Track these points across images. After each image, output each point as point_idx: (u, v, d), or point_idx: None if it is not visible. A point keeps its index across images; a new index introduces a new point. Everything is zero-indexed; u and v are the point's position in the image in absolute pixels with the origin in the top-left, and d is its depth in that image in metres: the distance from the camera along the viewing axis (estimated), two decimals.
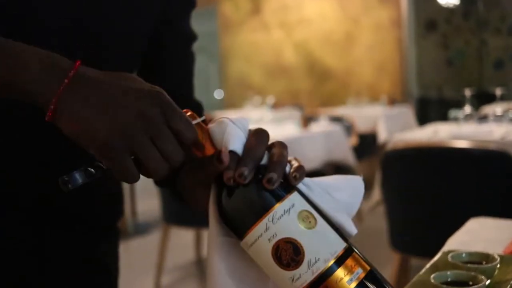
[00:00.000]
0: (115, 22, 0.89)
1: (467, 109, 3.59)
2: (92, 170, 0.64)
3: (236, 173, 0.62)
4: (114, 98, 0.62)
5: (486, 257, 0.88)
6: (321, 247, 0.62)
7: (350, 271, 0.61)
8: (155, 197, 3.62)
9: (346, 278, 0.61)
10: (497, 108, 3.89)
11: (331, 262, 0.61)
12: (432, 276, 0.80)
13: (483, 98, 6.21)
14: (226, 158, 0.63)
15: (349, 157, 4.38)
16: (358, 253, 0.64)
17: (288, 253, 0.61)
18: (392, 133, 4.98)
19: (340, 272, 0.61)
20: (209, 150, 0.66)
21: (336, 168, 4.48)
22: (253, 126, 0.83)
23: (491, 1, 8.08)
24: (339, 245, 0.63)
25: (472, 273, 0.80)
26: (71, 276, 0.96)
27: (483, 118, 3.66)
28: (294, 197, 0.64)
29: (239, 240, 0.65)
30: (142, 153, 0.62)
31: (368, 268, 0.62)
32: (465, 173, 2.46)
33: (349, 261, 0.62)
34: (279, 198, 0.63)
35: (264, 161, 0.65)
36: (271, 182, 0.62)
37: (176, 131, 0.63)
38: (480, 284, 0.76)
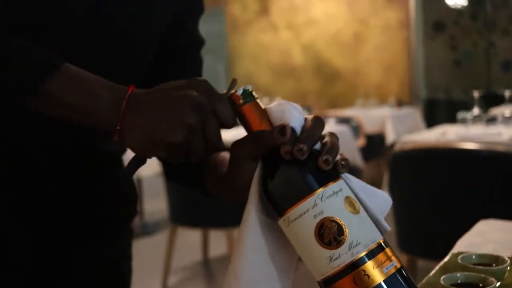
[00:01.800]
0: (127, 30, 0.89)
1: (475, 110, 3.58)
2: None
3: (295, 147, 0.65)
4: (165, 100, 0.67)
5: (496, 259, 0.88)
6: (363, 232, 0.64)
7: (384, 262, 0.63)
8: (162, 197, 3.62)
9: (380, 268, 0.62)
10: (505, 110, 3.88)
11: (371, 248, 0.63)
12: (442, 277, 0.80)
13: (491, 99, 6.20)
14: (289, 131, 0.66)
15: (357, 158, 4.38)
16: (391, 249, 0.66)
17: (332, 232, 0.63)
18: (399, 135, 4.97)
19: (376, 261, 0.63)
20: (263, 126, 0.69)
21: None
22: None
23: (499, 2, 8.06)
24: (378, 236, 0.65)
25: (482, 275, 0.79)
26: (86, 277, 0.96)
27: (492, 120, 3.65)
28: (342, 182, 0.66)
29: (277, 218, 0.66)
30: (196, 139, 0.67)
31: (399, 264, 0.64)
32: (474, 175, 2.45)
33: (385, 253, 0.64)
34: (329, 180, 0.65)
35: (317, 146, 0.68)
36: (327, 163, 0.65)
37: (219, 114, 0.68)
38: (490, 286, 0.76)
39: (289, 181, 0.66)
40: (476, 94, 3.65)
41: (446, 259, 0.95)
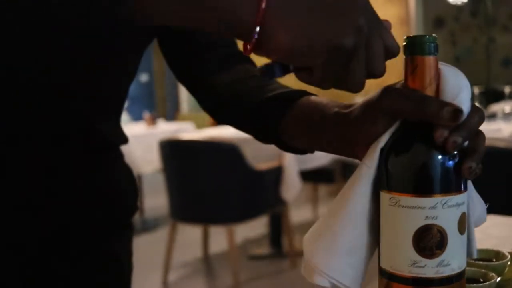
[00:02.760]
0: None
1: None
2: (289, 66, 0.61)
3: (451, 138, 0.57)
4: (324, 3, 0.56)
5: (497, 255, 0.88)
6: (458, 256, 0.60)
7: None
8: (162, 194, 3.63)
9: None
10: (505, 106, 3.88)
11: (455, 274, 0.60)
12: None
13: (491, 96, 6.19)
14: (461, 118, 0.57)
15: None
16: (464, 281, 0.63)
17: (433, 241, 0.59)
18: None
19: (452, 287, 0.60)
20: (429, 90, 0.61)
21: (344, 165, 4.47)
22: None
23: None
24: (465, 263, 0.62)
25: (483, 270, 0.79)
26: (86, 272, 0.95)
27: (491, 116, 3.64)
28: (466, 195, 0.61)
29: (383, 189, 0.61)
30: (357, 58, 0.58)
31: None
32: None
33: (461, 283, 0.61)
34: (459, 188, 0.60)
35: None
36: (470, 172, 0.58)
37: (385, 38, 0.60)
38: (491, 281, 0.76)
39: (423, 167, 0.59)
40: (475, 90, 3.65)
41: None
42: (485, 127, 0.64)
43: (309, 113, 0.78)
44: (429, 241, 0.59)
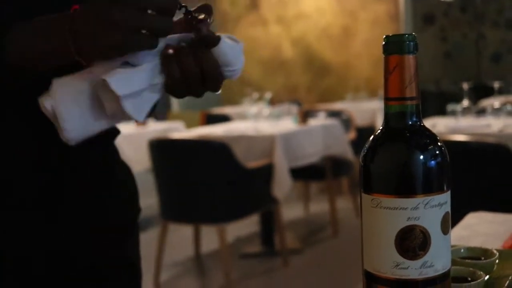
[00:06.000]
0: None
1: (465, 102, 3.59)
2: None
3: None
4: (98, 14, 0.70)
5: (485, 252, 0.88)
6: (441, 256, 0.60)
7: None
8: (153, 193, 3.61)
9: None
10: (495, 102, 3.89)
11: (439, 275, 0.60)
12: None
13: (481, 91, 6.21)
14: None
15: (347, 151, 4.38)
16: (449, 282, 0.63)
17: (416, 242, 0.59)
18: None
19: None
20: (406, 88, 0.63)
21: (335, 163, 4.47)
22: (251, 122, 0.83)
23: None
24: (449, 263, 0.62)
25: (471, 269, 0.79)
26: (99, 276, 0.95)
27: (481, 112, 3.65)
28: (448, 194, 0.61)
29: (366, 191, 0.61)
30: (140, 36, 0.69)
31: None
32: (463, 167, 2.45)
33: (445, 284, 0.61)
34: (441, 188, 0.60)
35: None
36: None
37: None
38: (479, 280, 0.76)
39: (404, 167, 0.59)
40: (465, 86, 3.65)
41: None
42: (475, 123, 0.64)
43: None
44: (412, 242, 0.58)
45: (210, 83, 0.74)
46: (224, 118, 5.57)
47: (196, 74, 0.72)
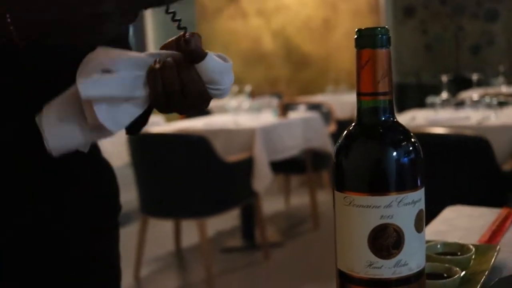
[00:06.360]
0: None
1: (444, 95, 3.60)
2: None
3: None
4: None
5: (461, 248, 0.87)
6: (415, 255, 0.59)
7: None
8: (132, 188, 3.58)
9: None
10: (473, 94, 3.91)
11: (413, 274, 0.59)
12: None
13: (460, 83, 6.25)
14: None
15: (327, 144, 4.37)
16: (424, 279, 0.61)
17: (389, 241, 0.57)
18: None
19: (411, 287, 0.59)
20: (378, 83, 0.60)
21: (315, 156, 4.47)
22: (231, 115, 0.81)
23: None
24: (423, 261, 0.61)
25: (447, 265, 0.78)
26: (77, 274, 0.93)
27: (460, 104, 3.67)
28: (423, 192, 0.60)
29: (338, 189, 0.60)
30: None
31: None
32: (442, 160, 2.46)
33: (420, 283, 0.60)
34: (415, 185, 0.59)
35: None
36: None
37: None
38: (455, 277, 0.75)
39: (376, 164, 0.58)
40: (444, 78, 3.66)
41: None
42: (454, 115, 0.63)
43: None
44: (385, 241, 0.57)
45: (191, 99, 0.71)
46: (203, 112, 5.54)
47: (177, 89, 0.70)
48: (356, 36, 0.59)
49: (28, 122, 0.87)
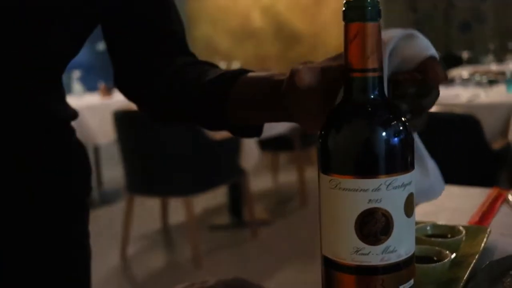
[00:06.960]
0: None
1: None
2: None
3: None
4: None
5: (452, 230, 0.84)
6: (404, 241, 0.56)
7: (405, 278, 0.56)
8: (118, 166, 3.54)
9: (399, 284, 0.56)
10: (463, 72, 3.88)
11: (402, 260, 0.56)
12: None
13: (450, 61, 6.21)
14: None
15: None
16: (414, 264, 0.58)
17: (377, 227, 0.54)
18: None
19: (399, 275, 0.56)
20: (368, 59, 0.56)
21: (303, 133, 4.44)
22: None
23: None
24: (413, 247, 0.57)
25: (437, 248, 0.75)
26: (45, 255, 0.92)
27: (450, 82, 3.64)
28: (413, 174, 0.56)
29: (322, 172, 0.56)
30: None
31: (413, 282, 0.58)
32: (431, 138, 2.43)
33: (409, 269, 0.57)
34: (406, 168, 0.55)
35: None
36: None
37: None
38: (445, 260, 0.72)
39: (364, 145, 0.54)
40: None
41: None
42: (443, 93, 0.60)
43: (256, 84, 0.80)
44: (373, 226, 0.54)
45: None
46: None
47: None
48: (344, 9, 0.55)
49: (28, 122, 0.86)
